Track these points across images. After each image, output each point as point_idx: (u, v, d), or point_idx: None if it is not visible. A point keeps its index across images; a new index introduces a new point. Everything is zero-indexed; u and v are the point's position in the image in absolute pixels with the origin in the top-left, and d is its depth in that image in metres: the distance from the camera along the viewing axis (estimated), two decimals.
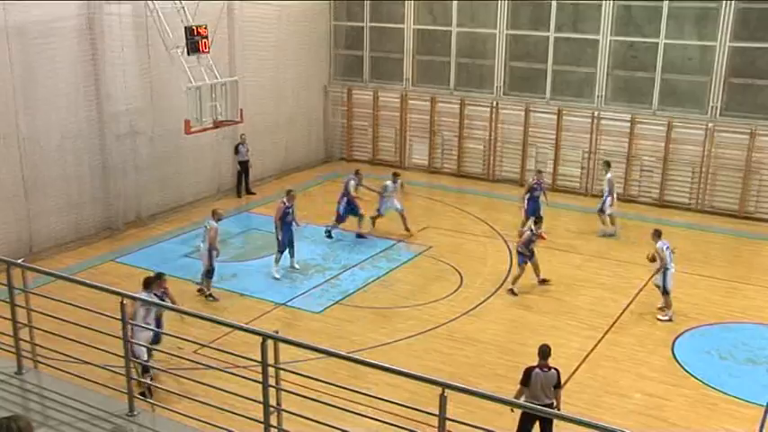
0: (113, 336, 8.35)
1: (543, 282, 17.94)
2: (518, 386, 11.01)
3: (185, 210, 23.03)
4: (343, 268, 19.06)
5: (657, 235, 16.72)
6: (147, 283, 13.18)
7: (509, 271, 18.75)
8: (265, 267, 18.87)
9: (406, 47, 27.54)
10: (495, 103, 26.15)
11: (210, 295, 17.13)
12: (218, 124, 20.60)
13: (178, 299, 14.45)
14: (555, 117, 25.13)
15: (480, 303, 17.12)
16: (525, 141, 25.75)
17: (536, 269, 17.87)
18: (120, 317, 8.04)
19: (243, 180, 24.68)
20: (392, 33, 27.89)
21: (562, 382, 11.33)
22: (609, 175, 21.36)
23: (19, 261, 9.13)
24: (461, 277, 18.41)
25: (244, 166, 24.50)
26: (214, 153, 24.14)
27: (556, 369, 11.00)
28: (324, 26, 28.47)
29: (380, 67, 28.50)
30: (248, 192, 24.78)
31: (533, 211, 20.45)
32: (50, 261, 18.87)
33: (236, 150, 24.28)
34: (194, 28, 19.92)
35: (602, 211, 21.44)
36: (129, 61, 20.93)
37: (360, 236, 20.91)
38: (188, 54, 19.89)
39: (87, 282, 9.00)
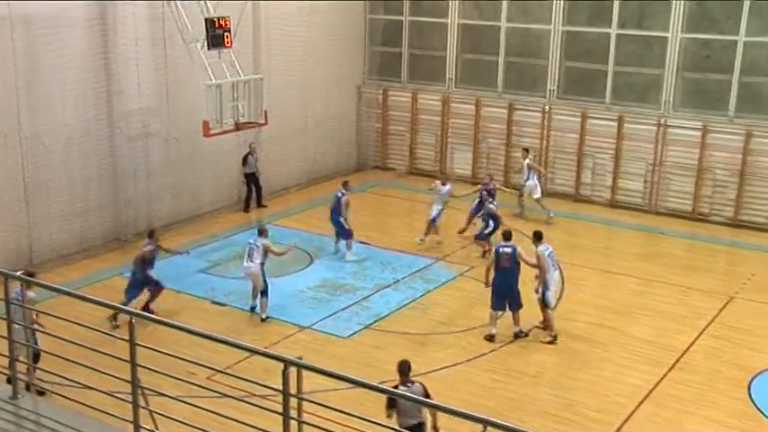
0: (119, 358, 8.38)
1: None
2: (386, 411, 10.82)
3: (202, 220, 23.17)
4: (374, 289, 19.04)
5: (538, 238, 16.70)
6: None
7: (560, 295, 18.59)
8: (289, 286, 18.92)
9: (450, 44, 27.54)
10: (547, 107, 26.06)
11: (268, 317, 17.35)
12: (239, 126, 20.69)
13: (194, 320, 14.49)
14: (615, 124, 24.96)
15: (528, 331, 16.96)
16: (581, 151, 25.60)
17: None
18: (128, 338, 8.08)
19: (252, 193, 24.62)
20: (434, 29, 27.91)
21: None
22: (527, 161, 23.69)
23: (17, 273, 9.20)
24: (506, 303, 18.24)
25: (253, 179, 24.48)
26: (235, 158, 24.26)
27: (420, 383, 11.18)
28: (358, 20, 28.58)
29: (420, 66, 28.52)
30: (260, 205, 24.76)
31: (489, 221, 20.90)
32: (52, 274, 19.02)
33: (245, 161, 24.18)
34: (215, 20, 20.04)
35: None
36: (143, 55, 21.16)
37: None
38: (208, 48, 20.02)
39: (92, 297, 9.05)
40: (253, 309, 17.70)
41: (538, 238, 16.84)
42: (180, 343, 13.07)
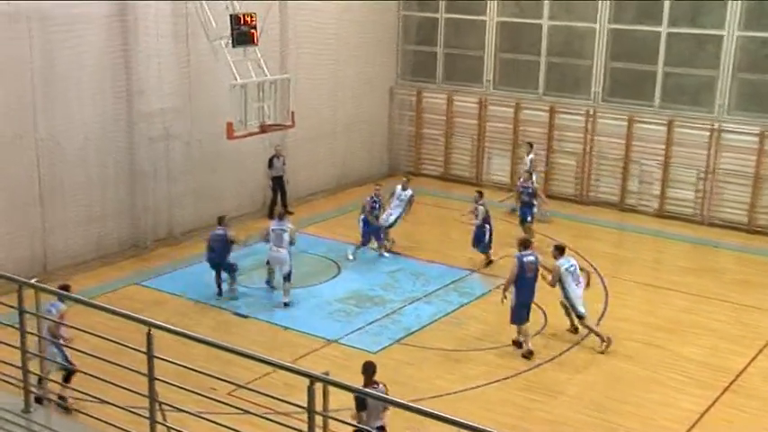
0: (136, 371, 8.41)
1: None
2: (354, 413, 11.09)
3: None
4: (405, 301, 19.01)
5: (560, 252, 16.88)
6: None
7: (604, 311, 18.50)
8: (315, 297, 18.95)
9: (488, 43, 27.50)
10: (591, 110, 25.93)
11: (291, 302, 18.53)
12: (265, 128, 20.77)
13: (216, 332, 14.54)
14: (664, 129, 24.79)
15: (567, 349, 16.88)
16: (627, 157, 25.45)
17: None
18: (145, 350, 8.10)
19: (278, 198, 24.62)
20: (471, 27, 27.88)
21: None
22: (531, 156, 24.53)
23: (32, 281, 9.27)
24: (545, 317, 18.18)
25: (279, 182, 24.43)
26: (260, 161, 24.34)
27: (384, 385, 11.51)
28: (391, 17, 28.63)
29: (456, 66, 28.50)
30: (285, 211, 24.73)
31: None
32: (67, 282, 19.18)
33: (270, 164, 24.18)
34: (241, 16, 20.16)
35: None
36: (165, 53, 21.29)
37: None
38: (233, 46, 20.14)
39: (108, 307, 9.09)
40: (269, 283, 19.04)
41: (560, 251, 16.87)
42: (200, 356, 13.11)
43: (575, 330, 17.31)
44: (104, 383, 8.89)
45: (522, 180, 23.15)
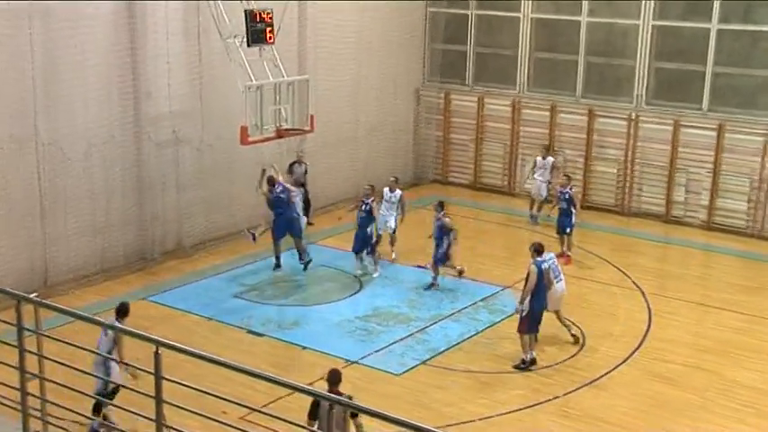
0: (143, 393, 8.42)
1: None
2: (307, 420, 11.05)
3: (238, 238, 23.27)
4: (432, 319, 18.97)
5: (538, 252, 16.80)
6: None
7: (647, 331, 18.41)
8: (334, 315, 18.95)
9: (522, 41, 27.49)
10: (633, 114, 25.85)
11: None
12: (281, 133, 20.82)
13: (228, 351, 14.56)
14: (714, 134, 24.65)
15: (608, 372, 16.80)
16: (672, 165, 25.34)
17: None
18: (152, 370, 8.11)
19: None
20: (504, 24, 27.88)
21: None
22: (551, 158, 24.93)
23: (32, 296, 9.30)
24: (583, 337, 18.12)
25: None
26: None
27: (348, 396, 11.23)
28: (418, 14, 28.67)
29: (488, 66, 28.49)
30: (307, 222, 24.71)
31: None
32: (69, 297, 19.31)
33: (290, 170, 24.02)
34: (257, 13, 20.23)
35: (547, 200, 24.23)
36: (174, 52, 21.39)
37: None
38: (248, 45, 20.21)
39: (113, 324, 9.12)
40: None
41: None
42: (210, 377, 13.11)
43: (576, 341, 17.67)
44: (109, 406, 8.91)
45: (560, 186, 22.97)
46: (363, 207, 21.07)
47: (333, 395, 7.40)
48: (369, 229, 21.05)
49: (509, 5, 27.52)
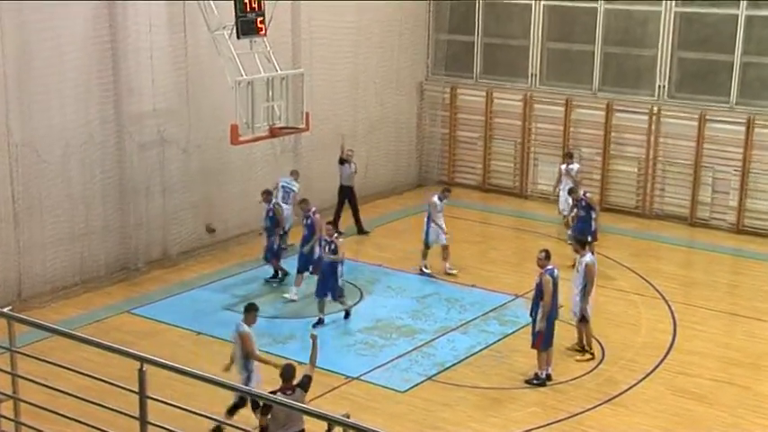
0: (127, 414, 8.42)
1: None
2: (258, 417, 12.05)
3: (228, 246, 23.30)
4: (438, 332, 18.97)
5: (548, 257, 16.91)
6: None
7: (672, 343, 18.40)
8: (334, 327, 18.94)
9: (534, 30, 27.52)
10: (655, 108, 25.87)
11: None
12: (275, 132, 20.84)
13: (219, 368, 14.57)
14: (743, 129, 24.68)
15: (629, 388, 16.80)
16: (697, 163, 25.35)
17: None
18: (137, 389, 8.11)
19: (342, 212, 24.20)
20: (514, 12, 27.93)
21: None
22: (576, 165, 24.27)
23: (4, 309, 9.30)
24: (603, 349, 18.13)
25: (348, 194, 24.25)
26: (269, 170, 24.39)
27: (301, 387, 12.32)
28: (421, 2, 28.70)
29: (497, 58, 28.53)
30: (360, 230, 24.51)
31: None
32: (45, 310, 19.30)
33: (342, 163, 24.12)
34: (247, 2, 20.24)
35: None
36: (158, 46, 21.41)
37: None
38: (238, 37, 20.22)
39: (94, 340, 9.11)
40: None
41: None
42: (200, 396, 13.13)
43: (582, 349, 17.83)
44: (89, 429, 8.90)
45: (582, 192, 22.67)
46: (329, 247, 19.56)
47: (333, 415, 7.40)
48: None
49: None
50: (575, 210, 22.23)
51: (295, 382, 12.51)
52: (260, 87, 20.26)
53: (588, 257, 17.36)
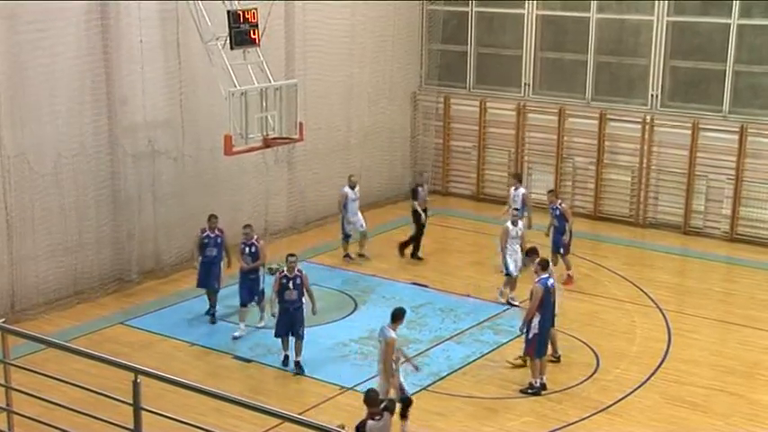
0: (122, 426, 8.40)
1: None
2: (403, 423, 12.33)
3: None
4: (433, 341, 18.97)
5: (543, 268, 16.94)
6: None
7: (667, 352, 18.39)
8: (328, 337, 18.92)
9: (527, 40, 27.55)
10: (648, 117, 25.89)
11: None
12: (269, 142, 20.81)
13: (213, 379, 14.55)
14: (736, 137, 24.70)
15: (624, 397, 16.79)
16: (691, 172, 25.37)
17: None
18: (131, 400, 8.09)
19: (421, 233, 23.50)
20: (507, 22, 27.97)
21: None
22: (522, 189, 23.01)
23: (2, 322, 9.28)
24: (597, 359, 18.14)
25: (420, 217, 23.35)
26: (262, 181, 24.41)
27: (388, 411, 12.56)
28: (414, 12, 28.72)
29: (490, 67, 28.56)
30: (415, 254, 23.62)
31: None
32: (39, 322, 19.26)
33: (415, 195, 23.35)
34: (240, 13, 20.24)
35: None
36: (151, 57, 21.38)
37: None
38: (231, 48, 20.21)
39: (88, 351, 9.10)
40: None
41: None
42: (194, 407, 13.10)
43: (558, 359, 17.79)
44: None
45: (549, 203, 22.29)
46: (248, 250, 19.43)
47: (328, 426, 7.38)
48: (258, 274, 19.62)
49: (512, 2, 27.58)
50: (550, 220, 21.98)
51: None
52: (253, 98, 20.22)
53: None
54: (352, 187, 22.99)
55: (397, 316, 15.28)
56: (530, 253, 18.54)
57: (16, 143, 19.40)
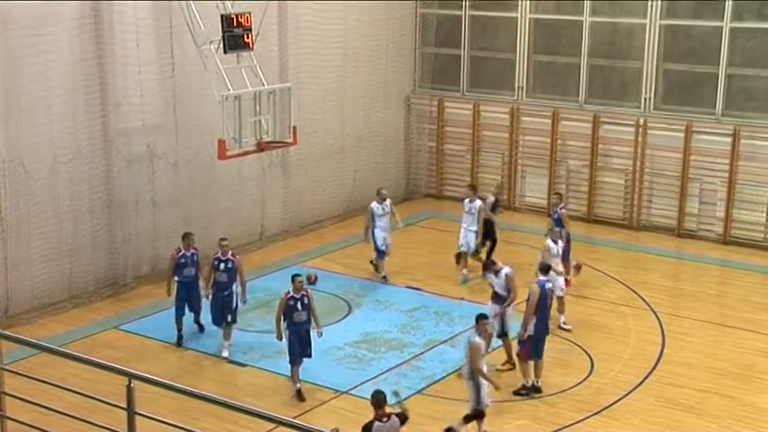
0: (116, 431, 8.37)
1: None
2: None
3: None
4: (427, 345, 18.97)
5: (544, 271, 17.30)
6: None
7: (661, 354, 18.39)
8: (322, 341, 18.77)
9: (520, 44, 27.56)
10: (641, 120, 25.91)
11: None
12: (262, 146, 20.79)
13: (208, 384, 14.53)
14: (729, 140, 24.70)
15: (618, 399, 16.81)
16: (684, 174, 25.38)
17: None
18: (125, 405, 8.06)
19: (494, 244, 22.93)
20: (501, 25, 27.97)
21: None
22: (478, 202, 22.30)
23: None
24: (591, 361, 18.15)
25: (491, 230, 22.81)
26: (257, 185, 24.41)
27: (397, 415, 12.46)
28: (408, 16, 28.73)
29: (484, 71, 28.56)
30: (489, 262, 23.20)
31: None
32: (33, 327, 19.23)
33: (494, 209, 22.76)
34: (234, 17, 20.20)
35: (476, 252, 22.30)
36: (145, 61, 21.36)
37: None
38: (225, 52, 20.17)
39: (82, 356, 9.06)
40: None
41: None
42: (190, 412, 13.09)
43: (513, 366, 17.73)
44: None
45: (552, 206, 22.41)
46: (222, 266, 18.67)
47: (322, 430, 7.36)
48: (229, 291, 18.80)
49: (506, 5, 27.60)
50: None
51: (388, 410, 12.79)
52: (247, 102, 20.17)
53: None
54: (381, 201, 22.17)
55: (480, 321, 15.59)
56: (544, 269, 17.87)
57: (11, 147, 19.38)
